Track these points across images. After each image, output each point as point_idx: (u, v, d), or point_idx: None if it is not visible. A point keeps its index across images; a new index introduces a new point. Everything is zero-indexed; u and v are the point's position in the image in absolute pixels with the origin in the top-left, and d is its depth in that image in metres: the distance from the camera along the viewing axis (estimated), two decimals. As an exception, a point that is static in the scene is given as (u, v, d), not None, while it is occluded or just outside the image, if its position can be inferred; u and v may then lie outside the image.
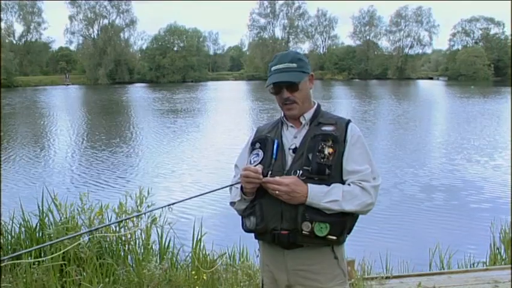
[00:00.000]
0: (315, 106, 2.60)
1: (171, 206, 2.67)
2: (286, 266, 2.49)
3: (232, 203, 2.61)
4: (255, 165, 2.46)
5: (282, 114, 2.63)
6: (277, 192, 2.33)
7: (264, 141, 2.56)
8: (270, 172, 2.44)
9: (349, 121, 2.52)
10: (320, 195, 2.33)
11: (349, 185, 2.39)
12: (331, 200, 2.33)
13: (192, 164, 15.25)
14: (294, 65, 2.50)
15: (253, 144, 2.62)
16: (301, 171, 2.38)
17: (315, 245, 2.41)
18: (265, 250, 2.60)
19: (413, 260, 6.11)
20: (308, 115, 2.55)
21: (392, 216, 9.60)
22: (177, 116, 30.60)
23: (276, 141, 2.52)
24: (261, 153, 2.52)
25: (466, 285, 4.86)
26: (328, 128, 2.46)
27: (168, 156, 16.61)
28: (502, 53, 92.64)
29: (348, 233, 2.50)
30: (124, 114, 34.06)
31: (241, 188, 2.49)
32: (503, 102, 39.40)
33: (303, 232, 2.34)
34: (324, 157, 2.38)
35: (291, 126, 2.57)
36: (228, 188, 2.65)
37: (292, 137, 2.53)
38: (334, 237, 2.37)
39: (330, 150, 2.38)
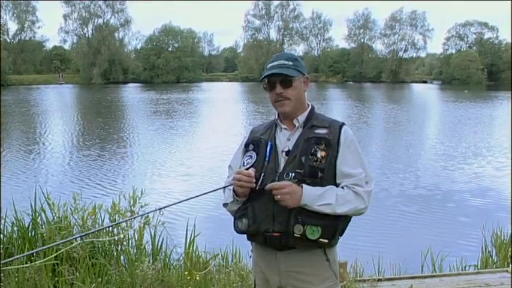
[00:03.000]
0: (309, 108, 2.60)
1: (163, 209, 2.68)
2: (278, 267, 2.50)
3: (225, 204, 2.62)
4: (248, 167, 2.48)
5: (276, 116, 2.64)
6: (279, 197, 2.33)
7: (257, 143, 2.57)
8: (262, 174, 2.45)
9: (342, 124, 2.53)
10: (314, 198, 2.34)
11: (343, 188, 2.41)
12: (324, 204, 2.33)
13: (185, 165, 15.23)
14: (290, 63, 2.53)
15: (246, 145, 2.63)
16: (293, 174, 2.39)
17: (307, 247, 2.42)
18: (258, 251, 2.61)
19: (405, 262, 6.12)
20: (302, 118, 2.55)
21: (385, 219, 9.62)
22: (170, 116, 30.54)
23: (269, 144, 2.52)
24: (254, 155, 2.53)
25: (457, 288, 4.89)
26: (321, 131, 2.47)
27: (160, 157, 16.56)
28: (496, 58, 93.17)
29: (340, 235, 2.51)
30: (117, 115, 33.98)
31: (234, 189, 2.50)
32: (495, 107, 39.68)
33: (295, 235, 2.35)
34: (317, 160, 2.39)
35: (285, 129, 2.57)
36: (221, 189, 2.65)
37: (285, 140, 2.54)
38: (326, 240, 2.38)
39: (323, 153, 2.39)
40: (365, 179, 2.44)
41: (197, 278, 4.55)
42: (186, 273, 4.65)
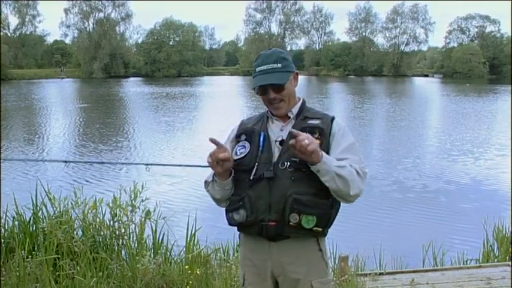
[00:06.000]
0: (300, 101, 2.61)
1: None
2: (271, 258, 2.49)
3: (206, 183, 2.62)
4: (242, 157, 2.48)
5: (267, 108, 2.63)
6: (306, 141, 2.19)
7: (250, 133, 2.56)
8: (256, 164, 2.44)
9: (333, 117, 2.54)
10: (330, 158, 2.33)
11: None
12: (341, 165, 2.32)
13: (185, 158, 15.21)
14: (279, 65, 2.47)
15: (238, 136, 2.61)
16: (289, 163, 2.38)
17: (301, 236, 2.42)
18: (249, 243, 2.58)
19: (406, 256, 6.12)
20: (295, 109, 2.56)
21: (386, 212, 9.63)
22: (171, 110, 30.52)
23: (262, 134, 2.51)
24: (247, 145, 2.52)
25: (458, 282, 4.88)
26: (314, 122, 2.48)
27: (161, 151, 16.56)
28: (498, 51, 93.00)
29: (329, 227, 2.50)
30: (118, 108, 33.97)
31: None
32: (497, 101, 39.60)
33: (290, 223, 2.35)
34: None
35: (277, 120, 2.57)
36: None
37: (278, 130, 2.53)
38: (320, 229, 2.38)
39: (317, 141, 2.35)
40: (361, 164, 2.42)
41: (198, 272, 4.55)
42: (187, 267, 4.64)
